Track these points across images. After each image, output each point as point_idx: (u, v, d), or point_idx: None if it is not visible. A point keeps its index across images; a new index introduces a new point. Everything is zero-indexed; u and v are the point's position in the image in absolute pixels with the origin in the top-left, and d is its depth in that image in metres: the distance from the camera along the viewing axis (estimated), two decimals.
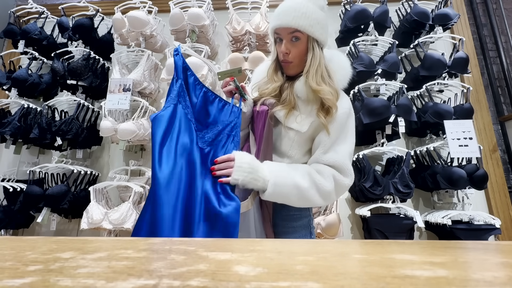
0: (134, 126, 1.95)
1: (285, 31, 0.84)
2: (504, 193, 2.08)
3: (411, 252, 0.35)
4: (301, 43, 0.85)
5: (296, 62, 0.88)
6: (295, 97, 0.87)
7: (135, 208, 1.84)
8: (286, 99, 0.87)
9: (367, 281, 0.20)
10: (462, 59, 1.97)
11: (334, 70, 0.89)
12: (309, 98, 0.86)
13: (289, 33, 0.84)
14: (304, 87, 0.85)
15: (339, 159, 0.83)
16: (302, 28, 0.82)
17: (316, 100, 0.86)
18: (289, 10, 0.83)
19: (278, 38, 0.88)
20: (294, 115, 0.86)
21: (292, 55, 0.86)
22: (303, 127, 0.85)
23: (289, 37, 0.85)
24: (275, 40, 0.90)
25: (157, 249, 0.35)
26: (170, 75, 2.02)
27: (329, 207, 1.83)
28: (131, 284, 0.20)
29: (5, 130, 2.05)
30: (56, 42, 2.45)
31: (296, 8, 0.82)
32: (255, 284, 0.20)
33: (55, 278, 0.21)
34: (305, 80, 0.85)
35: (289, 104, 0.86)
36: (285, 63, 0.89)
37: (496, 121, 2.38)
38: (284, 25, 0.83)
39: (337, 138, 0.85)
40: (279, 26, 0.85)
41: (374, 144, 2.02)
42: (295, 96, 0.87)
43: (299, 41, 0.85)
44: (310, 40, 0.86)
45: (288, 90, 0.88)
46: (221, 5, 2.37)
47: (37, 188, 1.95)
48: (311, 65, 0.84)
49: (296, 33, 0.84)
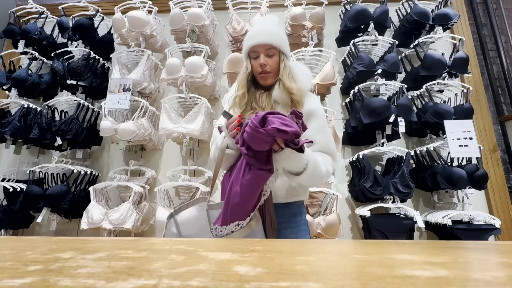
0: (134, 126, 1.95)
1: (262, 48, 1.02)
2: (504, 193, 2.08)
3: (411, 252, 0.35)
4: (275, 57, 1.04)
5: (272, 73, 1.04)
6: (273, 103, 1.02)
7: (135, 208, 1.84)
8: (265, 106, 1.01)
9: (367, 281, 0.20)
10: (462, 59, 1.97)
11: (298, 76, 1.06)
12: (286, 102, 1.01)
13: (265, 49, 1.02)
14: (280, 92, 1.01)
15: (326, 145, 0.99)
16: (276, 44, 1.02)
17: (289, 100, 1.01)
18: (263, 31, 1.03)
19: (254, 55, 1.04)
20: None
21: (270, 67, 1.02)
22: None
23: (265, 53, 1.02)
24: (249, 58, 1.06)
25: (157, 249, 0.35)
26: (170, 75, 2.02)
27: (329, 207, 1.83)
28: (131, 284, 0.20)
29: (5, 130, 2.05)
30: (56, 42, 2.45)
31: (268, 30, 1.03)
32: (255, 284, 0.20)
33: (55, 278, 0.21)
34: (279, 85, 1.01)
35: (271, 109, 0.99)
36: (263, 74, 1.03)
37: (496, 121, 2.38)
38: (262, 42, 1.01)
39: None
40: (257, 43, 1.02)
41: (374, 144, 2.02)
42: (272, 103, 1.02)
43: (273, 55, 1.03)
44: (280, 54, 1.04)
45: (266, 100, 1.03)
46: (221, 5, 2.37)
47: (37, 188, 1.95)
48: (284, 73, 1.02)
49: (271, 49, 1.02)
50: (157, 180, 2.26)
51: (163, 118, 1.98)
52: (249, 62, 1.06)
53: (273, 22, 1.07)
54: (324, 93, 2.10)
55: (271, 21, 1.08)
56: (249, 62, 1.06)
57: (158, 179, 2.27)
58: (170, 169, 2.14)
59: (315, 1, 2.26)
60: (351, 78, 2.06)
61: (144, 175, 2.20)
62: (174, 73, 2.00)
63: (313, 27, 2.14)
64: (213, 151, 1.01)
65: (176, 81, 2.04)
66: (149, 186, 2.08)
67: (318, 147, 0.95)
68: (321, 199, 1.92)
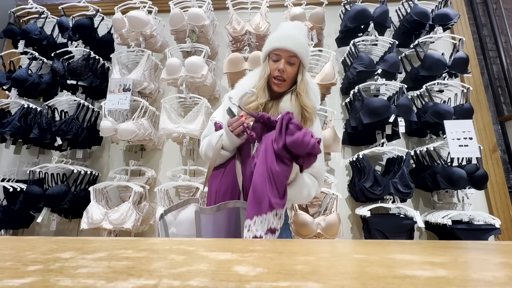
0: (134, 126, 1.95)
1: (285, 53, 0.98)
2: (504, 193, 2.08)
3: (411, 252, 0.35)
4: (295, 67, 1.00)
5: (288, 81, 1.00)
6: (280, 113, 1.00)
7: (135, 208, 1.84)
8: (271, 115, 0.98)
9: (367, 281, 0.20)
10: (462, 59, 1.97)
11: (311, 94, 1.03)
12: (295, 116, 0.96)
13: (289, 55, 0.98)
14: (290, 105, 0.98)
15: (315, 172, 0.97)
16: (299, 54, 0.98)
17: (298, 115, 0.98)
18: (290, 37, 0.98)
19: (275, 58, 0.99)
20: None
21: (287, 74, 0.99)
22: None
23: (287, 59, 0.98)
24: (268, 59, 1.01)
25: (157, 249, 0.35)
26: (170, 75, 2.02)
27: (329, 207, 1.83)
28: (131, 284, 0.20)
29: (5, 130, 2.05)
30: (56, 42, 2.45)
31: (296, 37, 0.99)
32: (255, 284, 0.20)
33: (55, 278, 0.21)
34: (291, 98, 0.99)
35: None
36: (278, 80, 0.99)
37: (496, 121, 2.38)
38: (287, 48, 0.96)
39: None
40: (282, 47, 0.97)
41: (374, 144, 2.02)
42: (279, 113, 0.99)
43: (294, 64, 0.99)
44: (301, 65, 1.01)
45: (273, 109, 1.00)
46: (221, 5, 2.37)
47: (37, 188, 1.95)
48: (301, 86, 0.99)
49: (293, 57, 0.98)
50: (157, 180, 2.26)
51: (163, 118, 1.98)
52: (268, 63, 1.01)
53: (302, 31, 1.03)
54: (324, 93, 2.10)
55: (300, 29, 1.03)
56: (268, 63, 1.01)
57: (158, 179, 2.27)
58: (170, 169, 2.14)
59: (315, 1, 2.26)
60: (351, 78, 2.06)
61: (144, 175, 2.20)
62: (174, 73, 2.00)
63: (313, 27, 2.14)
64: (206, 147, 0.99)
65: (176, 81, 2.04)
66: (149, 186, 2.08)
67: (311, 170, 0.93)
68: (321, 199, 1.92)
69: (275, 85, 1.00)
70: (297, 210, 1.74)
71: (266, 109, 1.00)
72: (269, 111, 0.99)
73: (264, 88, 1.00)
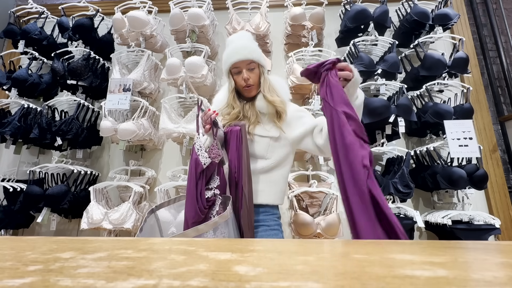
0: (134, 126, 1.95)
1: (243, 63, 1.09)
2: (504, 193, 2.08)
3: (411, 252, 0.35)
4: (256, 70, 1.11)
5: (255, 85, 1.12)
6: (258, 113, 1.11)
7: (135, 208, 1.85)
8: (251, 116, 1.10)
9: (367, 281, 0.20)
10: (462, 59, 1.97)
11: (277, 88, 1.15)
12: (269, 111, 1.09)
13: (247, 64, 1.10)
14: (263, 103, 1.09)
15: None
16: (255, 59, 1.10)
17: (273, 111, 1.09)
18: (242, 48, 1.10)
19: (236, 71, 1.11)
20: (261, 127, 1.09)
21: (252, 80, 1.10)
22: (275, 133, 1.08)
23: (247, 67, 1.10)
24: (231, 74, 1.12)
25: (157, 249, 0.35)
26: (170, 75, 2.02)
27: (329, 207, 1.83)
28: (131, 284, 0.20)
29: (5, 130, 2.05)
30: (56, 42, 2.44)
31: (247, 46, 1.11)
32: (255, 284, 0.20)
33: (55, 278, 0.21)
34: (262, 97, 1.10)
35: (256, 119, 1.10)
36: (247, 88, 1.11)
37: (496, 121, 2.38)
38: (243, 58, 1.09)
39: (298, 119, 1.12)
40: (238, 60, 1.09)
41: (374, 144, 2.02)
42: (257, 112, 1.11)
43: (254, 69, 1.11)
44: (260, 67, 1.12)
45: (250, 110, 1.11)
46: (221, 5, 2.37)
47: (37, 188, 1.95)
48: (264, 85, 1.11)
49: (251, 63, 1.10)
50: (157, 180, 2.26)
51: (163, 118, 1.98)
52: (232, 78, 1.12)
53: (248, 38, 1.15)
54: None
55: (247, 37, 1.15)
56: (232, 78, 1.12)
57: (158, 179, 2.27)
58: (170, 169, 2.14)
59: (315, 1, 2.26)
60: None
61: (144, 175, 2.20)
62: (174, 73, 2.00)
63: (313, 27, 2.14)
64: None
65: (176, 81, 2.04)
66: (149, 186, 2.08)
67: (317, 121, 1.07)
68: (321, 199, 1.92)
69: (246, 92, 1.12)
70: (297, 210, 1.74)
71: (244, 111, 1.12)
72: (247, 111, 1.11)
73: (235, 99, 1.12)
